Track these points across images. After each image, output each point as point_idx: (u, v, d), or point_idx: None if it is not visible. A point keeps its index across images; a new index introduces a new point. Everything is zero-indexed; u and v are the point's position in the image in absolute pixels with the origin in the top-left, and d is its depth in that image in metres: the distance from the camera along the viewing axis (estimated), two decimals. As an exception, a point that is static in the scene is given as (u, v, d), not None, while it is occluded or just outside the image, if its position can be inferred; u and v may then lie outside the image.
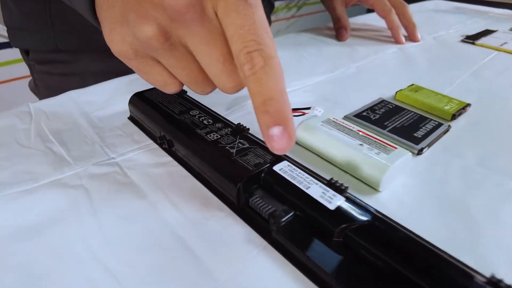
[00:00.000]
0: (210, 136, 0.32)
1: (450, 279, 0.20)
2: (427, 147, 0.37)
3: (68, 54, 0.60)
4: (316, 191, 0.26)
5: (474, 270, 0.21)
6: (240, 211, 0.28)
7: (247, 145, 0.31)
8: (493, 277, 0.20)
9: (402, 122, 0.41)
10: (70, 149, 0.36)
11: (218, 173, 0.29)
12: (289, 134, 0.23)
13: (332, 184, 0.26)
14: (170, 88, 0.29)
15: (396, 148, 0.32)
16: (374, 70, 0.58)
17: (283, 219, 0.25)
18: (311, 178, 0.27)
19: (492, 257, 0.25)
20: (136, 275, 0.23)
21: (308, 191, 0.26)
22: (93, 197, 0.30)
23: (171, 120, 0.35)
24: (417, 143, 0.37)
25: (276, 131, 0.22)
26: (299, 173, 0.27)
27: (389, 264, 0.22)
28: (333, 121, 0.36)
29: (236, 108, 0.45)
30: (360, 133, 0.34)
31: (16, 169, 0.33)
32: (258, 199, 0.27)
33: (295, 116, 0.34)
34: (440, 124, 0.41)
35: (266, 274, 0.24)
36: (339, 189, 0.26)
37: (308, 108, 0.34)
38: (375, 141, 0.33)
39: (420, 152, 0.36)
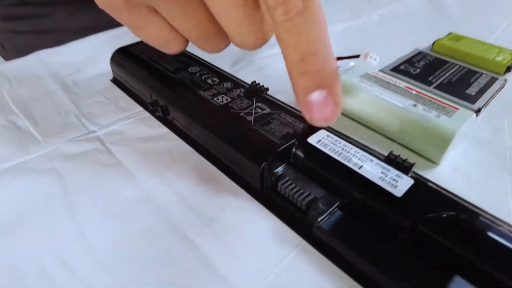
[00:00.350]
0: (218, 99, 0.24)
1: None
2: (484, 106, 0.30)
3: (38, 7, 0.51)
4: (374, 171, 0.19)
5: None
6: (265, 199, 0.21)
7: (268, 110, 0.23)
8: None
9: (449, 77, 0.34)
10: (39, 123, 0.28)
11: (233, 148, 0.22)
12: (335, 100, 0.16)
13: (392, 161, 0.19)
14: (172, 47, 0.21)
15: (457, 108, 0.25)
16: (400, 18, 0.49)
17: (328, 211, 0.18)
18: (363, 152, 0.20)
19: None
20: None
21: (361, 172, 0.19)
22: (68, 186, 0.22)
23: (165, 80, 0.27)
24: (472, 102, 0.30)
25: (317, 96, 0.15)
26: (345, 146, 0.20)
27: (486, 273, 0.15)
28: (374, 76, 0.28)
29: (244, 63, 0.36)
30: (412, 91, 0.26)
31: (-34, 150, 0.25)
32: (289, 182, 0.20)
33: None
34: (494, 79, 0.33)
35: (308, 283, 0.17)
36: (403, 166, 0.19)
37: (357, 57, 0.26)
38: (430, 101, 0.25)
39: (477, 112, 0.29)
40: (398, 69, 0.34)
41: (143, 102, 0.29)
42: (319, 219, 0.18)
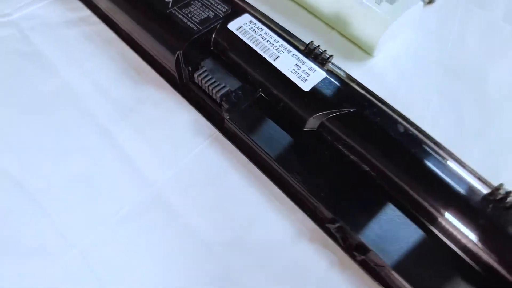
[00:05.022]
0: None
1: (449, 192, 0.15)
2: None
3: None
4: (287, 62, 0.18)
5: (478, 178, 0.16)
6: (184, 91, 0.20)
7: (191, -10, 0.21)
8: (500, 187, 0.15)
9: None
10: None
11: (149, 34, 0.20)
12: None
13: (311, 51, 0.18)
14: None
15: (405, -6, 0.22)
16: None
17: (240, 103, 0.18)
18: (282, 42, 0.19)
19: (503, 154, 0.20)
20: (55, 195, 0.18)
21: (275, 63, 0.18)
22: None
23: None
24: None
25: None
26: (266, 34, 0.19)
27: (376, 168, 0.16)
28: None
29: None
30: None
31: None
32: (206, 73, 0.19)
33: None
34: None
35: (216, 172, 0.18)
36: (320, 58, 0.18)
37: None
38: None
39: (430, 2, 0.27)
40: None
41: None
42: (229, 112, 0.18)
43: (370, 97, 0.18)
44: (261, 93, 0.19)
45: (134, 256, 0.16)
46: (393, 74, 0.23)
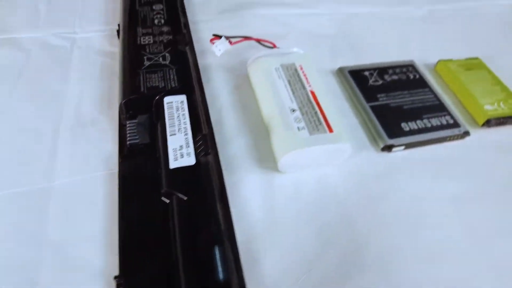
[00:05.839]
0: (145, 38, 0.29)
1: None
2: (402, 147, 0.28)
3: None
4: (176, 141, 0.22)
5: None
6: (120, 128, 0.26)
7: (168, 62, 0.27)
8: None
9: (408, 102, 0.31)
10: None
11: (123, 75, 0.27)
12: None
13: (198, 141, 0.23)
14: None
15: (332, 131, 0.25)
16: (449, 21, 0.42)
17: (137, 156, 0.23)
18: (188, 125, 0.23)
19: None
20: None
21: (169, 137, 0.23)
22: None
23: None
24: (390, 136, 0.28)
25: None
26: (182, 115, 0.24)
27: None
28: (295, 70, 0.29)
29: (231, 15, 0.38)
30: (310, 96, 0.27)
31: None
32: (133, 125, 0.25)
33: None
34: (454, 125, 0.30)
35: (89, 202, 0.23)
36: (203, 150, 0.22)
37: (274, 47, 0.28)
38: (316, 113, 0.26)
39: (387, 149, 0.28)
40: (358, 74, 0.33)
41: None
42: (123, 156, 0.23)
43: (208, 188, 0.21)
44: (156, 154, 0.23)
45: None
46: (284, 199, 0.24)
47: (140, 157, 0.23)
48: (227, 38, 0.31)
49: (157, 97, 0.25)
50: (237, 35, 0.32)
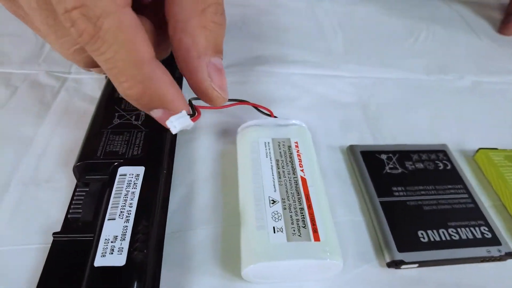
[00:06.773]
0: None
1: None
2: (415, 265, 0.21)
3: None
4: (113, 229, 0.18)
5: None
6: (74, 193, 0.22)
7: (139, 122, 0.24)
8: None
9: (431, 201, 0.24)
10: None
11: (87, 133, 0.23)
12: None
13: (139, 233, 0.18)
14: None
15: (319, 239, 0.19)
16: (499, 98, 0.35)
17: (65, 234, 0.19)
18: (133, 209, 0.19)
19: None
20: None
21: (106, 222, 0.18)
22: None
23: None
24: (401, 248, 0.22)
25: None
26: (132, 193, 0.20)
27: None
28: (288, 147, 0.23)
29: (240, 69, 0.35)
30: (300, 184, 0.21)
31: None
32: (82, 195, 0.21)
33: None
34: (493, 240, 0.22)
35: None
36: (141, 247, 0.17)
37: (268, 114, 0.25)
38: (302, 209, 0.20)
39: (394, 265, 0.21)
40: (372, 156, 0.27)
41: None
42: (56, 236, 0.19)
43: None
44: (91, 236, 0.19)
45: None
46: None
47: (73, 238, 0.19)
48: (196, 108, 0.19)
49: (115, 164, 0.21)
50: (235, 97, 0.26)
